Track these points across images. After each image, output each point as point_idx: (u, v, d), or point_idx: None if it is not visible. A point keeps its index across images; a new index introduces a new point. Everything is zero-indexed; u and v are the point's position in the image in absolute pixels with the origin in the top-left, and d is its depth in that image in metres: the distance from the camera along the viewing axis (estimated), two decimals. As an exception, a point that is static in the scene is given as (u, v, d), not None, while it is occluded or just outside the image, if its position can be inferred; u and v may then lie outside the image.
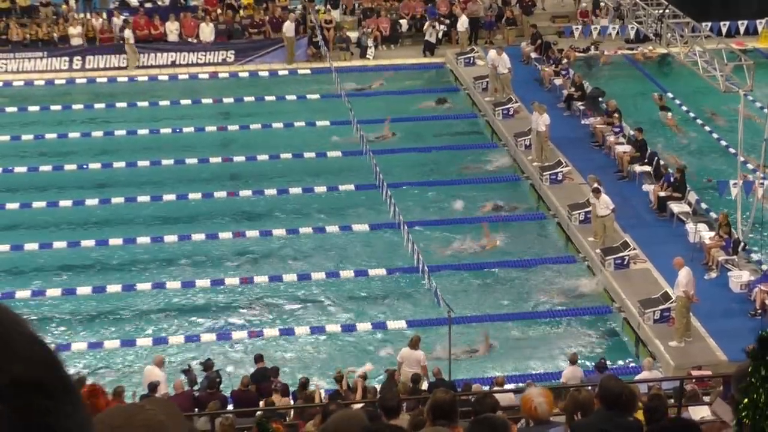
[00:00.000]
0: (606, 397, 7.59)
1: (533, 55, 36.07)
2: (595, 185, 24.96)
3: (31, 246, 25.33)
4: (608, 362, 20.24)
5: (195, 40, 36.65)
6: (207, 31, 36.75)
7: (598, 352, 21.71)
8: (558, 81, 33.67)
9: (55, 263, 25.04)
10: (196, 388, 19.22)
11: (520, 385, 18.70)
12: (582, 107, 31.75)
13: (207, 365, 19.73)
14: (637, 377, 19.30)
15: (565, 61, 34.93)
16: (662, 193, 26.21)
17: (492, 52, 33.42)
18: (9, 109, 33.43)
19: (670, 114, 32.14)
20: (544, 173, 27.87)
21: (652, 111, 32.86)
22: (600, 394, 7.73)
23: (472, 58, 36.08)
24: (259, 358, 19.98)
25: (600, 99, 32.03)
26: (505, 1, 38.95)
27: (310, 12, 38.10)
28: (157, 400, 2.66)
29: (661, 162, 27.63)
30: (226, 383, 19.60)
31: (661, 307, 21.92)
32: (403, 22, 38.63)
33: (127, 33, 35.93)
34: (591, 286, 24.11)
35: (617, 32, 37.77)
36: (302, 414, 17.01)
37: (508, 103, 32.08)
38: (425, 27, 37.59)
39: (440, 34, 37.52)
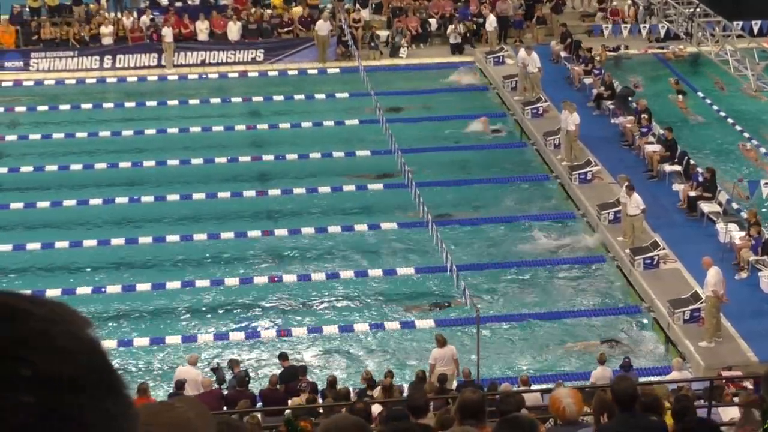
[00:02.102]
0: (618, 399, 7.55)
1: (563, 54, 35.97)
2: (628, 183, 24.83)
3: (62, 244, 25.49)
4: (640, 363, 20.15)
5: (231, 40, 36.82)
6: (234, 30, 36.87)
7: (626, 352, 21.59)
8: (588, 80, 33.56)
9: (85, 261, 25.18)
10: (224, 386, 19.29)
11: (550, 385, 18.66)
12: (612, 106, 31.64)
13: (234, 364, 19.79)
14: (667, 377, 19.22)
15: (597, 59, 34.81)
16: (692, 193, 26.07)
17: (522, 51, 33.34)
18: (40, 108, 33.64)
19: (681, 96, 32.32)
20: (573, 173, 27.78)
21: (677, 108, 32.70)
22: (612, 397, 7.69)
23: (501, 57, 36.02)
24: (284, 357, 20.00)
25: (630, 98, 31.90)
26: (536, 0, 38.83)
27: (339, 11, 38.13)
28: (186, 398, 2.67)
29: (692, 162, 27.48)
30: (254, 382, 19.65)
31: (691, 307, 21.81)
32: (433, 21, 38.59)
33: (165, 31, 36.09)
34: (619, 284, 24.04)
35: (648, 31, 37.62)
36: (331, 412, 17.02)
37: (537, 102, 32.01)
38: (449, 30, 37.55)
39: (461, 37, 37.37)
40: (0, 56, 36.06)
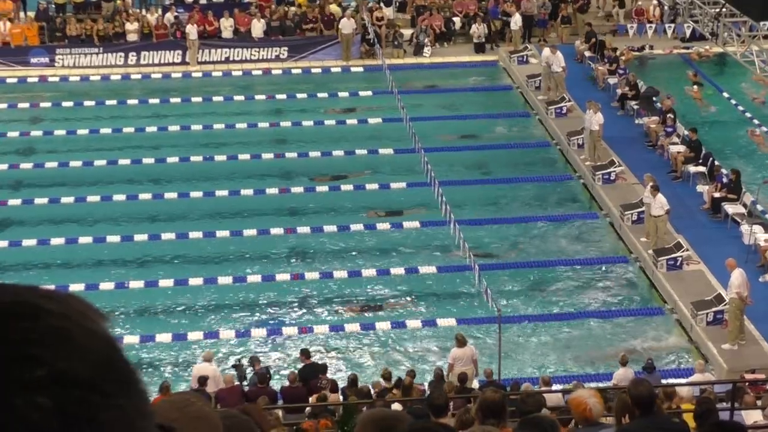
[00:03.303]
0: (636, 403, 7.51)
1: (587, 53, 35.87)
2: (653, 183, 24.72)
3: (85, 239, 25.61)
4: (662, 364, 20.07)
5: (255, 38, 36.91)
6: (258, 28, 36.94)
7: (649, 353, 21.51)
8: (612, 80, 33.46)
9: (109, 257, 25.27)
10: (245, 383, 19.32)
11: (567, 386, 18.62)
12: (636, 107, 31.53)
13: (254, 361, 19.81)
14: (689, 379, 19.14)
15: (623, 58, 34.69)
16: (717, 194, 25.95)
17: (546, 51, 33.24)
18: (65, 104, 33.80)
19: (695, 87, 32.35)
20: (597, 173, 27.70)
21: (707, 111, 32.57)
22: (631, 400, 7.65)
23: (525, 57, 35.95)
24: (306, 354, 20.02)
25: (654, 98, 31.78)
26: (560, -1, 38.74)
27: (363, 9, 38.13)
28: (196, 395, 2.69)
29: (716, 163, 27.35)
30: (275, 379, 19.67)
31: (714, 309, 21.71)
32: (457, 20, 38.54)
33: (189, 28, 36.20)
34: (643, 287, 23.96)
35: (673, 31, 37.47)
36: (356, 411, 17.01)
37: (561, 101, 31.93)
38: (473, 29, 37.51)
39: (483, 37, 37.31)
40: (25, 52, 36.24)
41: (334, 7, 37.83)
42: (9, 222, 26.92)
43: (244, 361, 20.10)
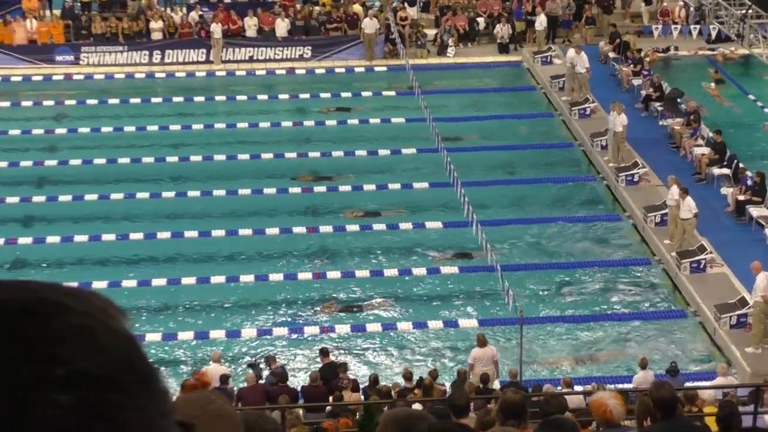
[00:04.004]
0: (658, 406, 7.47)
1: (611, 54, 35.75)
2: (682, 185, 24.59)
3: (109, 237, 25.70)
4: (687, 367, 19.99)
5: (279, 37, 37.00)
6: (282, 27, 37.00)
7: (671, 356, 21.43)
8: (636, 81, 33.34)
9: (131, 254, 25.36)
10: (261, 382, 19.30)
11: (587, 387, 18.57)
12: (660, 108, 31.40)
13: (270, 360, 19.81)
14: (712, 383, 19.04)
15: (647, 59, 34.57)
16: (741, 197, 25.81)
17: (571, 51, 33.16)
18: (89, 102, 33.95)
19: (713, 84, 32.30)
20: (620, 174, 27.60)
21: (732, 112, 32.40)
22: (652, 404, 7.60)
23: (549, 57, 35.87)
24: (325, 353, 20.02)
25: (679, 100, 31.65)
26: (585, 0, 38.60)
27: (387, 9, 38.14)
28: (217, 393, 2.69)
29: (741, 165, 27.21)
30: (296, 378, 19.69)
31: (737, 312, 21.60)
32: (481, 20, 38.49)
33: (213, 27, 36.31)
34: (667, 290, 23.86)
35: (698, 32, 37.32)
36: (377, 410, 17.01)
37: (584, 102, 31.84)
38: (496, 29, 37.46)
39: (507, 37, 37.25)
40: (51, 50, 36.43)
41: (357, 7, 37.84)
42: (33, 219, 27.05)
43: (261, 360, 20.10)
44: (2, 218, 26.81)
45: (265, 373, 19.73)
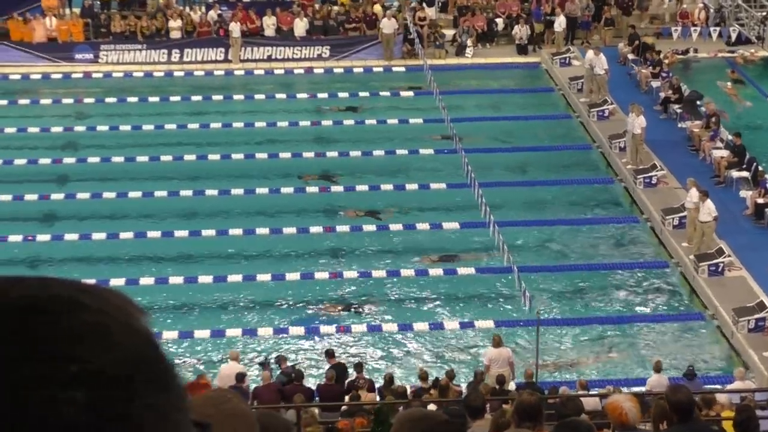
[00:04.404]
0: (675, 409, 7.43)
1: (630, 56, 35.65)
2: (702, 188, 24.49)
3: (126, 235, 25.76)
4: (704, 371, 19.92)
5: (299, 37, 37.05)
6: (300, 26, 37.03)
7: (688, 359, 21.36)
8: (655, 83, 33.24)
9: (149, 252, 25.42)
10: (272, 381, 19.25)
11: (602, 390, 18.52)
12: (679, 110, 31.30)
13: (281, 360, 19.81)
14: (729, 387, 18.96)
15: (666, 61, 34.46)
16: (760, 200, 25.70)
17: (590, 53, 33.08)
18: (108, 100, 34.04)
19: (729, 84, 32.27)
20: (639, 176, 27.52)
21: (751, 114, 32.28)
22: (669, 407, 7.57)
23: (567, 59, 35.79)
24: (331, 354, 19.99)
25: (698, 102, 31.54)
26: (604, 1, 38.52)
27: (405, 9, 38.13)
28: (233, 391, 2.69)
29: (760, 168, 27.10)
30: (311, 377, 19.69)
31: (756, 316, 21.51)
32: (499, 20, 38.43)
33: (232, 26, 36.37)
34: (684, 292, 23.78)
35: (718, 34, 37.17)
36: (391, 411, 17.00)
37: (603, 104, 31.76)
38: (515, 30, 37.41)
39: (526, 38, 37.19)
40: (70, 48, 36.55)
41: (377, 8, 37.84)
42: (52, 216, 27.15)
43: (271, 360, 20.08)
44: (21, 215, 26.92)
45: (276, 372, 19.70)
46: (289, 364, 19.94)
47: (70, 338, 1.09)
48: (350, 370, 19.63)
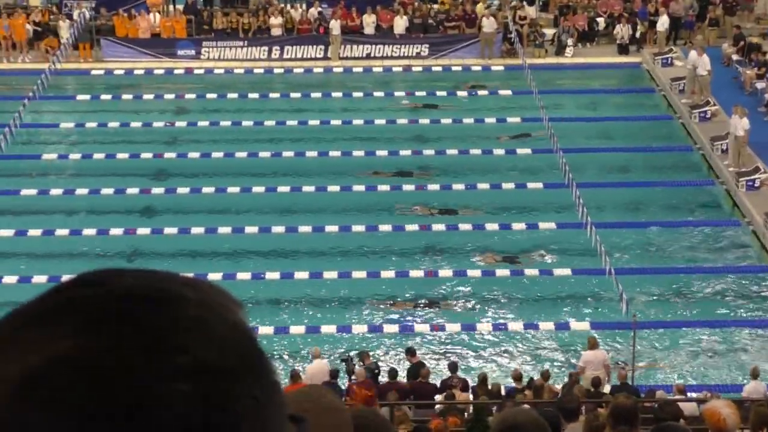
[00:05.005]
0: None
1: (734, 57, 35.01)
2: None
3: (225, 229, 26.07)
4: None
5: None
6: (400, 24, 37.10)
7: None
8: (760, 84, 32.59)
9: (247, 247, 25.69)
10: (353, 378, 19.25)
11: (699, 395, 18.24)
12: (784, 112, 30.68)
13: (364, 356, 19.83)
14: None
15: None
16: None
17: (693, 53, 32.58)
18: (209, 96, 34.48)
19: None
20: (741, 179, 27.03)
21: None
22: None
23: (670, 59, 35.28)
24: (412, 352, 19.96)
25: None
26: (708, 1, 37.89)
27: (506, 8, 37.97)
28: (328, 388, 2.70)
29: None
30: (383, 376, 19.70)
31: None
32: (600, 20, 38.06)
33: (333, 23, 36.61)
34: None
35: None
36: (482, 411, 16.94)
37: (705, 105, 31.25)
38: (616, 30, 36.99)
39: (627, 38, 36.74)
40: (173, 44, 37.14)
41: (480, 7, 37.74)
42: (152, 210, 27.61)
43: (353, 356, 20.10)
44: (122, 209, 27.40)
45: (357, 368, 19.68)
46: (371, 360, 19.95)
47: (176, 330, 1.10)
48: (442, 369, 19.60)
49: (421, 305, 23.57)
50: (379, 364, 20.08)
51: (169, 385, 1.06)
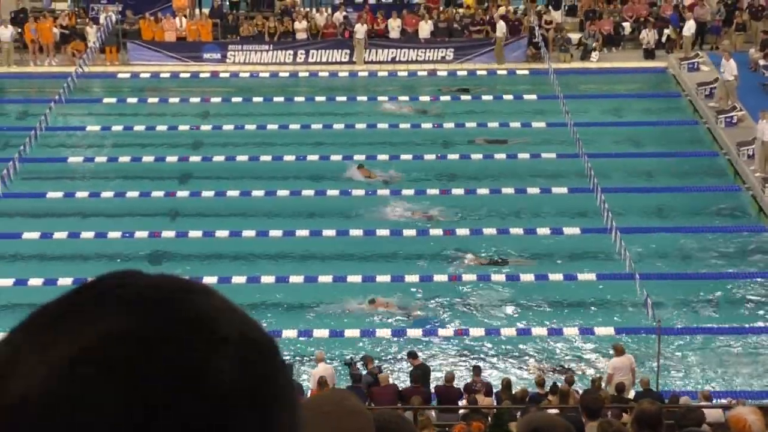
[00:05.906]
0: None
1: (761, 62, 34.83)
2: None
3: (249, 233, 26.11)
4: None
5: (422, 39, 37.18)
6: (425, 29, 37.13)
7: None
8: (787, 90, 32.45)
9: (270, 251, 25.72)
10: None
11: (723, 401, 18.15)
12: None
13: (368, 360, 19.80)
14: None
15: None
16: None
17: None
18: (234, 99, 34.59)
19: None
20: (767, 185, 26.88)
21: None
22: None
23: (696, 64, 35.14)
24: (414, 356, 19.86)
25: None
26: (735, 6, 37.74)
27: (531, 12, 37.92)
28: (351, 392, 2.71)
29: None
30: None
31: None
32: (626, 25, 37.95)
33: (358, 27, 36.66)
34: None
35: None
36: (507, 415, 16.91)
37: (731, 111, 31.10)
38: (642, 35, 36.87)
39: (653, 43, 36.62)
40: (198, 48, 37.28)
41: (502, 10, 37.73)
42: (176, 213, 27.69)
43: (358, 360, 20.06)
44: (147, 211, 27.50)
45: (363, 373, 19.60)
46: (375, 364, 19.90)
47: (214, 309, 1.16)
48: (461, 373, 19.57)
49: (445, 309, 23.53)
50: (382, 368, 20.05)
51: (222, 352, 1.12)
